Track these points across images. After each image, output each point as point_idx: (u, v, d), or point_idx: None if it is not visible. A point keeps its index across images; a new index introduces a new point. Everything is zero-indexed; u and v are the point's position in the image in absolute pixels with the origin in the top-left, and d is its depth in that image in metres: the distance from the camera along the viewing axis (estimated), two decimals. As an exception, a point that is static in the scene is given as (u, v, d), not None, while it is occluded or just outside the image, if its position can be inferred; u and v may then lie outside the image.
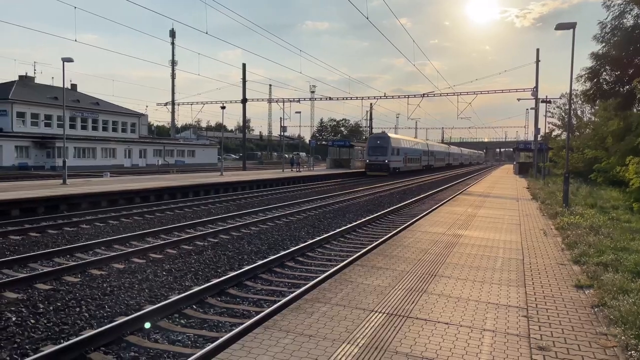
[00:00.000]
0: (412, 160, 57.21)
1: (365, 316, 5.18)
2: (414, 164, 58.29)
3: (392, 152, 48.85)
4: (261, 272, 9.19)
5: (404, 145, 54.30)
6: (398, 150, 50.68)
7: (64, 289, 7.82)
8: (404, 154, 52.90)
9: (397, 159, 50.30)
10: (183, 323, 6.55)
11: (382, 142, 48.95)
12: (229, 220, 15.63)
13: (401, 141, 54.24)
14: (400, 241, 9.77)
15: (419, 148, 62.00)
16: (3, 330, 6.02)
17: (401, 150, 51.78)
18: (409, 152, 55.35)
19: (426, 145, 68.38)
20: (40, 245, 11.21)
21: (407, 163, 54.14)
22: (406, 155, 53.77)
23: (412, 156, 57.20)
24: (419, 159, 61.55)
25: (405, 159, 53.39)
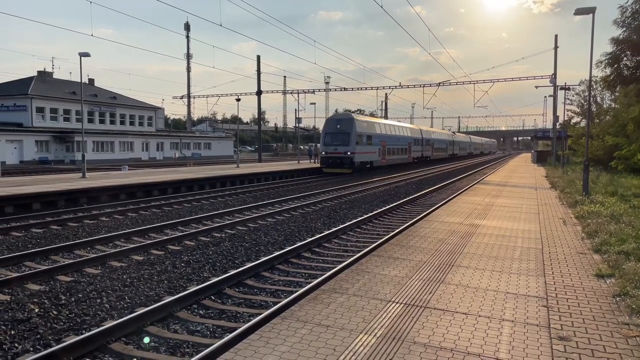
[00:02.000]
0: (396, 151, 44.15)
1: (383, 306, 5.17)
2: (399, 156, 45.09)
3: (359, 139, 35.04)
4: (278, 263, 9.23)
5: (381, 131, 40.21)
6: (368, 137, 36.89)
7: (84, 281, 7.95)
8: (380, 142, 39.41)
9: (368, 149, 36.71)
10: (202, 314, 6.62)
11: (343, 126, 34.83)
12: (245, 212, 15.72)
13: (375, 125, 39.80)
14: (417, 231, 9.72)
15: (406, 135, 48.04)
16: (26, 321, 6.14)
17: (375, 138, 38.07)
18: (389, 140, 41.87)
19: (419, 131, 54.32)
20: (61, 238, 11.40)
21: (386, 155, 41.06)
22: (384, 144, 40.32)
23: (396, 146, 44.01)
24: (407, 150, 47.87)
25: (384, 150, 40.20)
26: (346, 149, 34.11)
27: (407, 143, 48.13)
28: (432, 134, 60.30)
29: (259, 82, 49.79)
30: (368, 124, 38.51)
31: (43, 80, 59.39)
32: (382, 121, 45.03)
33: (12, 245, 10.62)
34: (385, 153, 40.81)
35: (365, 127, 37.14)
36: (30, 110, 53.74)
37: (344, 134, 34.44)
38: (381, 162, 39.85)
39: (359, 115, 41.63)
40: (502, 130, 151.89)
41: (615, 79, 25.91)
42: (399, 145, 45.34)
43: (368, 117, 48.67)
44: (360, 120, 37.61)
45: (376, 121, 41.99)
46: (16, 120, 52.65)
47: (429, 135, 58.16)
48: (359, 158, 35.01)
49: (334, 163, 34.26)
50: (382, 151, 39.90)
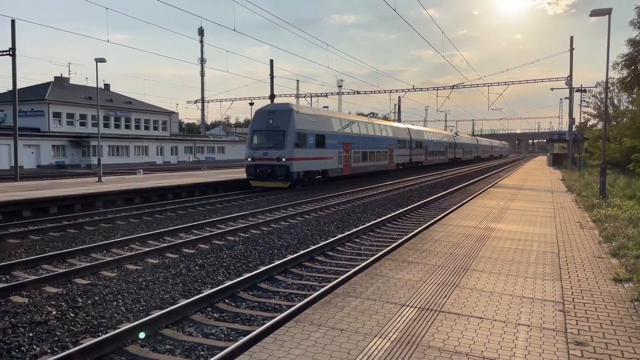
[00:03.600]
0: (369, 156, 34.12)
1: (397, 310, 5.15)
2: (374, 163, 35.09)
3: (300, 140, 24.82)
4: (292, 266, 9.25)
5: (342, 130, 29.95)
6: (319, 137, 26.64)
7: (101, 284, 8.05)
8: (341, 144, 29.47)
9: (317, 154, 26.58)
10: (216, 317, 6.65)
11: (277, 121, 24.67)
12: (259, 215, 15.78)
13: (332, 121, 29.28)
14: (431, 235, 9.67)
15: (386, 135, 37.78)
16: (44, 323, 6.23)
17: (331, 138, 28.17)
18: (357, 142, 31.81)
19: (406, 131, 44.08)
20: (77, 241, 11.55)
21: (352, 162, 31.08)
22: (348, 147, 30.32)
23: (369, 148, 33.90)
24: (387, 154, 37.50)
25: (347, 154, 30.29)
26: (280, 154, 23.70)
27: (388, 145, 37.76)
28: (425, 135, 50.79)
29: (272, 86, 50.00)
30: (318, 118, 27.36)
31: (60, 85, 60.30)
32: (344, 116, 34.00)
33: (30, 248, 10.78)
34: (349, 159, 30.65)
35: (313, 122, 26.36)
36: (47, 115, 54.57)
37: (277, 133, 24.16)
38: (343, 172, 29.78)
39: (302, 107, 27.29)
40: (517, 133, 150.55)
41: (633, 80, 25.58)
42: (373, 147, 34.77)
43: (322, 110, 33.16)
44: (304, 113, 25.94)
45: (334, 115, 31.05)
46: (34, 125, 53.46)
47: (419, 136, 48.12)
48: (300, 166, 24.67)
49: (262, 174, 24.00)
50: (344, 156, 29.83)
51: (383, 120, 45.84)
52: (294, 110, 25.09)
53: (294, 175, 24.33)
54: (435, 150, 53.67)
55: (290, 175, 24.07)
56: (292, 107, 25.49)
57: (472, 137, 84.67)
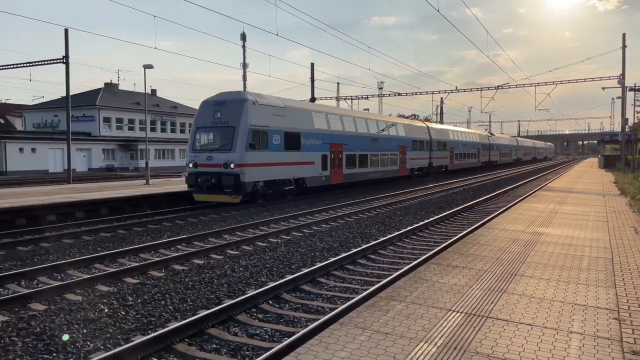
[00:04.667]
0: (369, 160, 27.34)
1: (443, 315, 5.07)
2: (376, 169, 28.23)
3: (257, 140, 18.83)
4: (333, 269, 9.26)
5: (325, 127, 23.56)
6: (287, 136, 20.53)
7: (149, 283, 8.30)
8: (326, 144, 23.35)
9: (283, 158, 20.30)
10: (260, 317, 6.73)
11: (225, 115, 18.74)
12: (300, 218, 15.88)
13: (310, 116, 22.68)
14: (476, 239, 9.47)
15: (392, 135, 30.52)
16: (97, 320, 6.48)
17: (308, 138, 21.96)
18: (350, 142, 25.40)
19: (425, 130, 36.79)
20: (127, 242, 11.96)
21: (347, 168, 25.13)
22: (337, 150, 24.21)
23: (366, 150, 27.06)
24: (395, 158, 30.68)
25: (335, 159, 24.05)
26: (227, 158, 17.93)
27: (397, 147, 30.92)
28: (450, 134, 42.75)
29: (313, 89, 50.28)
30: (290, 112, 20.88)
31: (109, 91, 62.70)
32: (333, 110, 26.53)
33: (83, 248, 11.24)
34: (340, 164, 24.48)
35: (280, 117, 20.07)
36: (97, 120, 56.84)
37: (225, 130, 18.39)
38: (330, 180, 23.62)
39: (264, 96, 20.24)
40: (565, 134, 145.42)
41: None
42: (376, 149, 28.17)
43: (297, 102, 23.87)
44: (266, 104, 19.48)
45: (315, 109, 23.75)
46: (85, 129, 55.80)
47: (442, 135, 40.02)
48: (258, 175, 18.61)
49: (204, 184, 18.25)
50: (331, 161, 23.67)
51: (391, 117, 39.42)
52: (249, 100, 18.56)
53: (248, 186, 18.01)
54: (465, 153, 45.91)
55: (241, 186, 17.74)
56: (246, 96, 18.89)
57: (511, 138, 76.09)
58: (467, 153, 47.07)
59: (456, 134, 44.88)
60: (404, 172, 32.29)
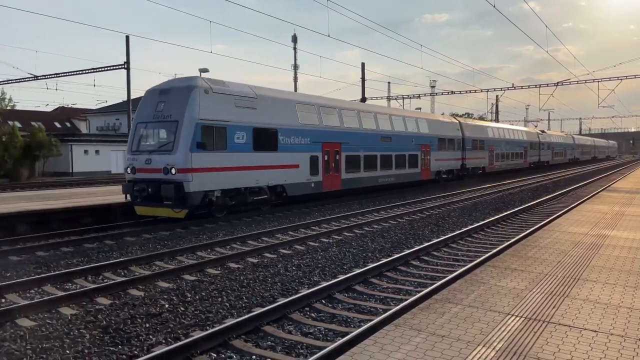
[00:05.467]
0: (379, 162, 22.95)
1: (501, 319, 4.93)
2: (388, 172, 23.80)
3: (210, 139, 14.79)
4: (386, 270, 9.20)
5: (315, 122, 19.34)
6: (262, 135, 16.61)
7: (206, 280, 8.56)
8: (316, 143, 19.18)
9: (250, 161, 16.13)
10: (314, 316, 6.80)
11: (169, 107, 14.70)
12: (351, 218, 15.87)
13: (293, 108, 18.42)
14: (535, 242, 9.13)
15: (409, 132, 25.81)
16: (158, 315, 6.75)
17: (289, 135, 17.84)
18: (351, 140, 21.14)
19: (456, 126, 31.86)
20: (184, 240, 12.37)
21: (347, 172, 20.90)
22: (333, 150, 20.08)
23: (373, 150, 22.56)
24: (415, 159, 26.16)
25: (330, 161, 19.92)
26: (168, 162, 14.24)
27: (417, 146, 26.40)
28: (488, 131, 36.99)
29: (363, 89, 50.12)
30: (262, 102, 16.76)
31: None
32: (326, 101, 21.25)
33: (143, 246, 11.73)
34: (338, 167, 20.27)
35: (245, 109, 16.07)
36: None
37: (166, 126, 14.80)
38: (322, 187, 19.45)
39: (223, 82, 16.03)
40: (632, 132, 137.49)
41: None
42: (388, 149, 23.77)
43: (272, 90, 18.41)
44: (224, 93, 15.53)
45: (300, 99, 19.58)
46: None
47: (478, 132, 34.83)
48: (210, 182, 14.80)
49: (141, 194, 14.83)
50: (324, 163, 19.44)
51: (409, 111, 32.25)
52: (198, 87, 14.52)
53: (194, 197, 14.18)
54: (508, 152, 40.28)
55: (185, 197, 14.01)
56: (195, 82, 14.75)
57: (566, 135, 69.03)
58: (511, 153, 41.29)
59: (496, 131, 39.19)
60: (427, 176, 27.59)
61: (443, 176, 29.68)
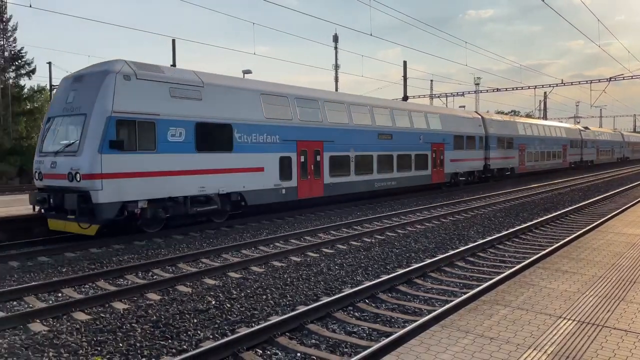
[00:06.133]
0: (375, 162, 20.02)
1: (552, 322, 4.78)
2: (388, 176, 20.84)
3: (130, 136, 11.93)
4: (430, 270, 9.09)
5: (286, 116, 16.31)
6: (207, 132, 13.60)
7: (251, 278, 8.70)
8: (288, 142, 16.23)
9: (188, 164, 13.07)
10: (357, 316, 6.79)
11: (79, 98, 12.00)
12: (393, 218, 15.75)
13: (256, 100, 15.30)
14: (587, 243, 8.79)
15: (416, 128, 22.81)
16: (206, 311, 6.92)
17: (249, 132, 14.82)
18: (336, 138, 18.15)
19: (479, 122, 28.55)
20: (229, 238, 12.61)
21: (332, 175, 17.89)
22: (312, 149, 17.09)
23: (366, 150, 19.54)
24: (423, 160, 23.12)
25: (307, 162, 16.85)
26: (73, 165, 11.62)
27: (427, 144, 23.26)
28: (518, 128, 33.35)
29: (405, 87, 49.59)
30: (209, 92, 13.97)
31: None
32: (300, 91, 17.61)
33: (190, 244, 12.03)
34: (318, 170, 17.35)
35: (182, 100, 13.20)
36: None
37: (74, 120, 12.20)
38: (296, 193, 16.60)
39: (148, 66, 12.91)
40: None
41: None
42: (387, 148, 20.69)
43: (225, 78, 15.16)
44: (147, 78, 12.55)
45: (265, 89, 16.13)
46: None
47: (505, 129, 31.13)
48: (127, 191, 11.95)
49: (42, 204, 12.34)
50: (300, 165, 16.61)
51: (418, 105, 27.40)
52: (114, 72, 11.89)
53: (107, 209, 11.54)
54: (543, 152, 36.39)
55: (94, 210, 11.43)
56: (113, 66, 12.06)
57: (614, 132, 62.58)
58: (547, 152, 37.22)
59: (528, 128, 34.96)
60: (440, 178, 24.47)
61: (461, 179, 26.51)
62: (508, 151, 31.08)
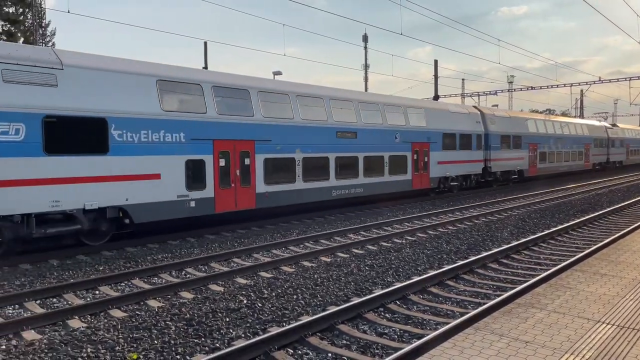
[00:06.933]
0: (334, 165, 16.85)
1: (590, 326, 4.65)
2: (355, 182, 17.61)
3: None
4: (462, 272, 8.96)
5: (199, 109, 12.97)
6: (75, 126, 10.65)
7: (282, 278, 8.76)
8: (197, 141, 12.76)
9: (43, 169, 10.14)
10: (388, 317, 6.76)
11: None
12: (424, 219, 15.59)
13: (153, 88, 12.01)
14: (627, 245, 8.51)
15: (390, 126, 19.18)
16: (237, 310, 7.00)
17: (138, 127, 11.62)
18: (278, 138, 14.97)
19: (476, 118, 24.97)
20: (260, 238, 12.72)
21: (267, 182, 14.57)
22: (237, 151, 13.72)
23: (301, 149, 15.66)
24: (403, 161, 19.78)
25: (236, 167, 13.72)
26: None
27: (406, 144, 19.91)
28: (528, 125, 29.35)
29: (436, 86, 49.00)
30: (33, 74, 10.18)
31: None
32: (196, 74, 13.74)
33: (222, 243, 12.19)
34: (247, 175, 14.08)
35: (12, 77, 9.86)
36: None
37: None
38: (214, 206, 13.34)
39: None
40: None
41: None
42: (345, 147, 17.37)
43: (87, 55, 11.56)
44: None
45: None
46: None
47: (510, 126, 27.34)
48: None
49: None
50: (217, 170, 13.36)
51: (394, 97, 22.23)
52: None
53: None
54: (560, 152, 32.47)
55: None
56: None
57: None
58: (564, 152, 33.10)
59: (541, 124, 30.76)
60: (425, 184, 21.07)
61: (453, 184, 22.96)
62: (515, 151, 27.44)
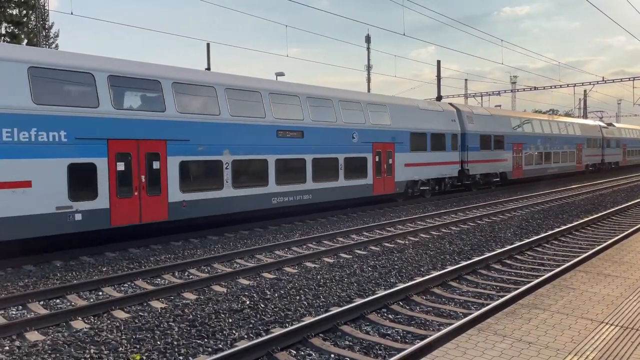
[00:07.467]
0: (233, 173, 13.58)
1: (594, 327, 4.63)
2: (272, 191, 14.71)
3: None
4: (465, 273, 8.94)
5: (89, 103, 10.76)
6: None
7: (285, 279, 8.75)
8: (80, 141, 10.52)
9: None
10: (391, 318, 6.75)
11: None
12: (427, 220, 15.57)
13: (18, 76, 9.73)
14: (631, 246, 8.48)
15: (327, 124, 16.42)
16: (240, 311, 7.00)
17: None
18: (201, 136, 12.76)
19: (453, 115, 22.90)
20: (263, 239, 12.72)
21: (180, 189, 12.29)
22: (143, 152, 11.60)
23: (233, 150, 13.58)
24: (334, 167, 16.66)
25: (140, 171, 11.57)
26: None
27: (361, 144, 17.68)
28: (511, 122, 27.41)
29: (439, 87, 48.90)
30: None
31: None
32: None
33: (225, 244, 12.19)
34: (156, 180, 11.91)
35: None
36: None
37: None
38: (110, 219, 11.05)
39: None
40: None
41: None
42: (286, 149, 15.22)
43: None
44: None
45: None
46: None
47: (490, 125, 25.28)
48: None
49: None
50: (115, 175, 11.19)
51: (352, 92, 18.89)
52: None
53: None
54: (548, 152, 30.38)
55: None
56: None
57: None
58: (554, 153, 31.00)
59: (526, 123, 28.74)
60: (389, 188, 19.01)
61: (423, 188, 21.02)
62: (496, 152, 25.38)
